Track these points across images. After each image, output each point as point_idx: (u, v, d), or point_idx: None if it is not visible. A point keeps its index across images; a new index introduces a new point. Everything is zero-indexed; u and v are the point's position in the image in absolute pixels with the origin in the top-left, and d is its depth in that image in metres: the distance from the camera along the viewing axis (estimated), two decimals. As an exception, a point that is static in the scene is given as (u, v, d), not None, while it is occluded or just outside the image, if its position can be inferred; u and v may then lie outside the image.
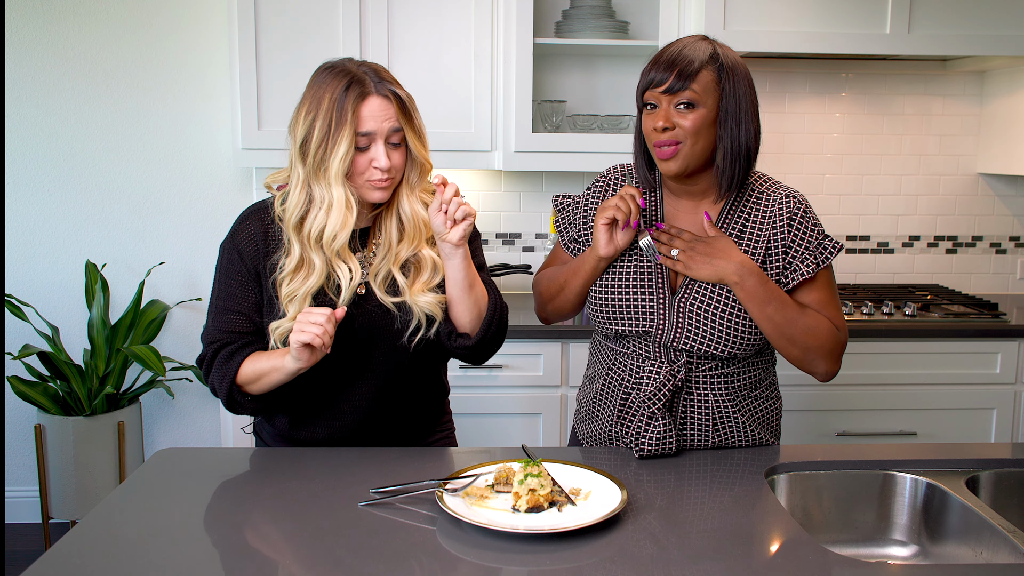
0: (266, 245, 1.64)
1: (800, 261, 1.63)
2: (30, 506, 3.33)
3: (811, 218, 1.65)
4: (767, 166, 3.29)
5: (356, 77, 1.56)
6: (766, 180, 1.70)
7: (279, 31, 2.86)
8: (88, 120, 3.21)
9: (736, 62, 1.60)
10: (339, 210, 1.56)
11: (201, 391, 3.37)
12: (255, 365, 1.61)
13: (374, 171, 1.57)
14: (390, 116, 1.56)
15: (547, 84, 3.21)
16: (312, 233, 1.58)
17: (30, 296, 3.24)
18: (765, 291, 1.58)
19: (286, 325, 1.59)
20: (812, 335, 1.61)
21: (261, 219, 1.67)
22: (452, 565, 1.24)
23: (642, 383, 1.65)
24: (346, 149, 1.53)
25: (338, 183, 1.55)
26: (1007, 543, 1.37)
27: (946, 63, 3.32)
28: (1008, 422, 2.92)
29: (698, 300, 1.62)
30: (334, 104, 1.54)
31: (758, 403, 1.72)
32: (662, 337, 1.64)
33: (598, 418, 1.75)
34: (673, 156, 1.59)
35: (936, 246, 3.47)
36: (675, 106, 1.57)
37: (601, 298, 1.69)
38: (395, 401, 1.72)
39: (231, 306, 1.65)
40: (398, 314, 1.64)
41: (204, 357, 1.67)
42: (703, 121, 1.57)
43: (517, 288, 3.38)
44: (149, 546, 1.29)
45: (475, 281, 1.64)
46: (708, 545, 1.30)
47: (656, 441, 1.61)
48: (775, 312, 1.58)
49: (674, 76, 1.55)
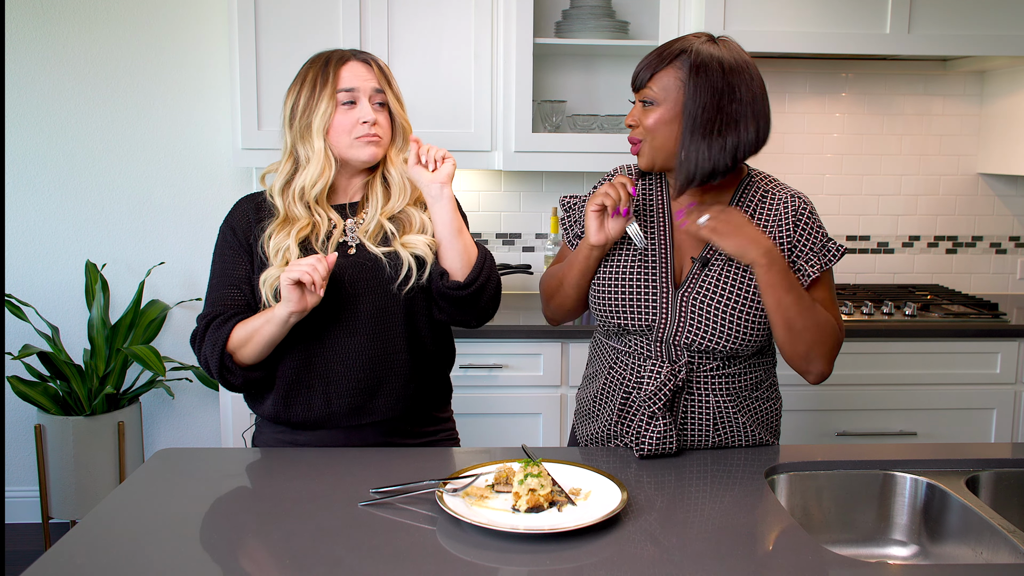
0: (258, 216, 1.74)
1: (805, 262, 1.63)
2: (30, 506, 3.34)
3: (816, 220, 1.65)
4: (767, 166, 3.29)
5: (336, 51, 1.73)
6: (770, 180, 1.70)
7: (279, 31, 2.86)
8: (88, 120, 3.21)
9: (718, 69, 1.54)
10: (317, 161, 1.68)
11: (201, 391, 3.37)
12: (246, 326, 1.65)
13: (361, 126, 1.68)
14: (371, 77, 1.70)
15: (547, 84, 3.21)
16: (295, 189, 1.70)
17: (30, 296, 3.24)
18: (787, 280, 1.56)
19: (274, 272, 1.65)
20: (820, 331, 1.59)
21: (253, 199, 1.79)
22: (452, 565, 1.24)
23: (643, 382, 1.65)
24: (326, 106, 1.67)
25: (319, 137, 1.68)
26: (1007, 543, 1.37)
27: (946, 63, 3.32)
28: (1008, 422, 2.92)
29: (701, 295, 1.62)
30: (318, 72, 1.69)
31: (758, 403, 1.72)
32: (664, 332, 1.64)
33: (598, 418, 1.75)
34: (638, 152, 1.64)
35: (936, 246, 3.47)
36: (641, 102, 1.62)
37: (604, 293, 1.69)
38: (389, 365, 1.73)
39: (224, 281, 1.72)
40: (387, 262, 1.70)
41: (195, 333, 1.71)
42: (660, 120, 1.59)
43: (517, 288, 3.38)
44: (149, 546, 1.29)
45: (463, 228, 1.71)
46: (708, 545, 1.30)
47: (656, 441, 1.61)
48: (791, 303, 1.56)
49: (640, 73, 1.61)
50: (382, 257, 1.70)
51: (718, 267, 1.63)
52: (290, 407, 1.73)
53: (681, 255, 1.68)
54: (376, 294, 1.71)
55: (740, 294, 1.61)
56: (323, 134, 1.68)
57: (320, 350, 1.71)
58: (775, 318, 1.58)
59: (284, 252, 1.67)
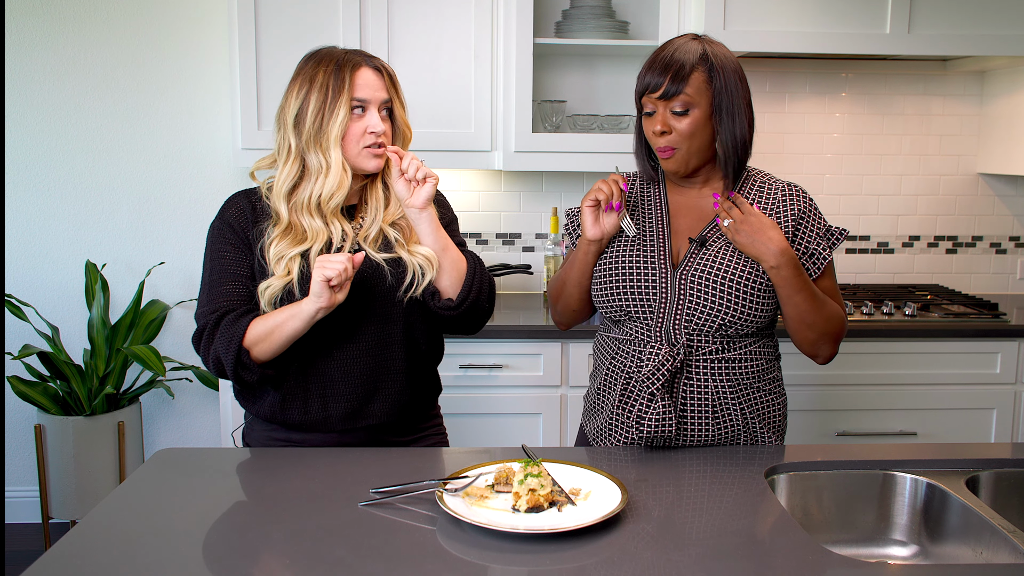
0: (254, 215, 1.71)
1: (817, 246, 1.70)
2: (30, 506, 3.34)
3: (814, 204, 1.74)
4: (767, 166, 3.29)
5: (347, 55, 1.69)
6: (764, 173, 1.77)
7: (279, 31, 2.87)
8: (88, 120, 3.21)
9: (726, 58, 1.67)
10: (336, 172, 1.65)
11: (201, 391, 3.37)
12: (266, 321, 1.63)
13: (369, 136, 1.66)
14: (382, 87, 1.68)
15: (547, 84, 3.21)
16: (307, 199, 1.66)
17: (30, 296, 3.24)
18: (799, 280, 1.64)
19: (276, 284, 1.64)
20: (830, 322, 1.70)
21: (248, 196, 1.75)
22: (452, 565, 1.24)
23: (643, 364, 1.67)
24: (344, 114, 1.64)
25: (336, 147, 1.65)
26: (1007, 543, 1.37)
27: (946, 63, 3.32)
28: (1008, 422, 2.92)
29: (700, 272, 1.67)
30: (330, 76, 1.65)
31: (759, 395, 1.72)
32: (665, 312, 1.67)
33: (602, 409, 1.77)
34: (671, 157, 1.68)
35: (936, 246, 3.47)
36: (671, 111, 1.64)
37: (605, 280, 1.73)
38: (387, 370, 1.73)
39: (226, 277, 1.69)
40: (389, 270, 1.69)
41: (203, 328, 1.66)
42: (698, 123, 1.65)
43: (517, 288, 3.38)
44: (149, 546, 1.29)
45: (448, 245, 1.71)
46: (708, 545, 1.30)
47: (656, 422, 1.63)
48: (803, 300, 1.65)
49: (668, 81, 1.63)
50: (383, 264, 1.69)
51: (716, 247, 1.69)
52: (287, 409, 1.73)
53: (678, 239, 1.73)
54: (378, 301, 1.71)
55: (737, 269, 1.66)
56: (339, 144, 1.65)
57: (319, 354, 1.70)
58: (788, 312, 1.68)
59: (287, 262, 1.65)
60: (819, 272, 1.70)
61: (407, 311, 1.73)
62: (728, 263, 1.66)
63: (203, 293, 1.71)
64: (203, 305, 1.69)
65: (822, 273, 1.72)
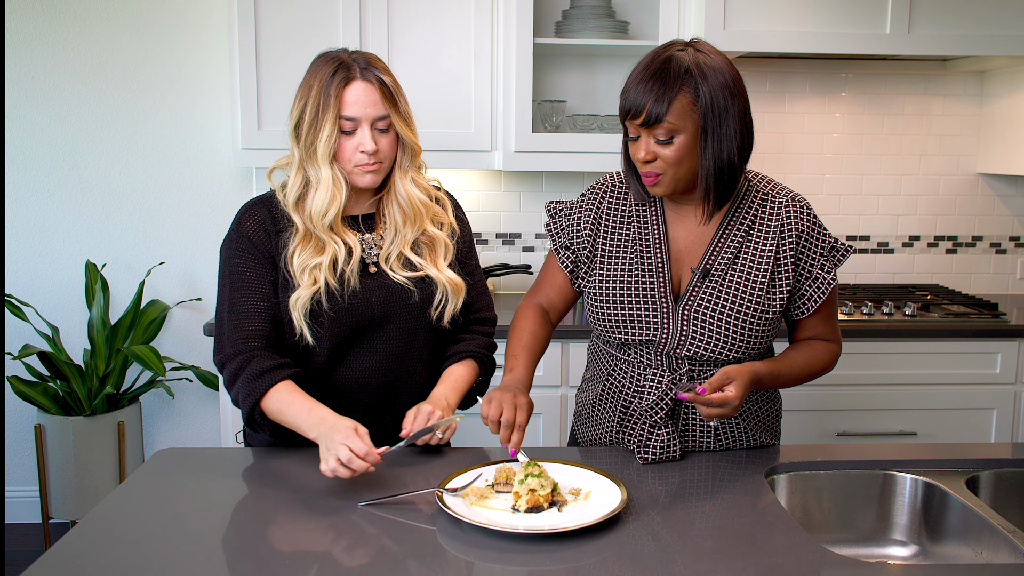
0: (275, 226, 1.67)
1: (820, 268, 1.64)
2: (30, 506, 3.34)
3: (818, 221, 1.66)
4: (767, 166, 3.29)
5: (344, 63, 1.62)
6: (767, 181, 1.68)
7: (279, 31, 2.86)
8: (88, 120, 3.21)
9: (715, 71, 1.52)
10: (327, 188, 1.62)
11: (201, 391, 3.37)
12: (282, 409, 1.58)
13: (360, 155, 1.62)
14: (374, 102, 1.61)
15: (547, 84, 3.21)
16: (310, 211, 1.64)
17: (30, 296, 3.24)
18: (779, 381, 1.64)
19: (304, 294, 1.61)
20: (817, 371, 1.69)
21: (265, 206, 1.70)
22: (452, 565, 1.24)
23: (644, 391, 1.64)
24: (330, 131, 1.59)
25: (325, 163, 1.62)
26: (1007, 543, 1.37)
27: (946, 63, 3.32)
28: (1008, 422, 2.92)
29: (703, 305, 1.61)
30: (321, 89, 1.60)
31: (758, 406, 1.72)
32: (666, 345, 1.63)
33: (599, 423, 1.75)
34: (657, 183, 1.58)
35: (936, 246, 3.47)
36: (655, 139, 1.53)
37: (603, 309, 1.67)
38: (404, 386, 1.73)
39: (247, 297, 1.64)
40: (414, 289, 1.68)
41: (232, 370, 1.61)
42: (684, 149, 1.53)
43: (517, 288, 3.38)
44: (149, 546, 1.29)
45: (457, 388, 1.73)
46: (708, 545, 1.30)
47: (660, 449, 1.61)
48: (786, 383, 1.66)
49: (648, 109, 1.51)
50: (409, 284, 1.67)
51: (718, 277, 1.62)
52: None
53: (678, 266, 1.66)
54: (403, 318, 1.69)
55: (742, 302, 1.60)
56: (329, 161, 1.61)
57: (338, 367, 1.69)
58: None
59: (311, 271, 1.62)
60: (823, 298, 1.64)
61: (429, 327, 1.72)
62: (734, 297, 1.60)
63: (222, 320, 1.65)
64: (226, 338, 1.64)
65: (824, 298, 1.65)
